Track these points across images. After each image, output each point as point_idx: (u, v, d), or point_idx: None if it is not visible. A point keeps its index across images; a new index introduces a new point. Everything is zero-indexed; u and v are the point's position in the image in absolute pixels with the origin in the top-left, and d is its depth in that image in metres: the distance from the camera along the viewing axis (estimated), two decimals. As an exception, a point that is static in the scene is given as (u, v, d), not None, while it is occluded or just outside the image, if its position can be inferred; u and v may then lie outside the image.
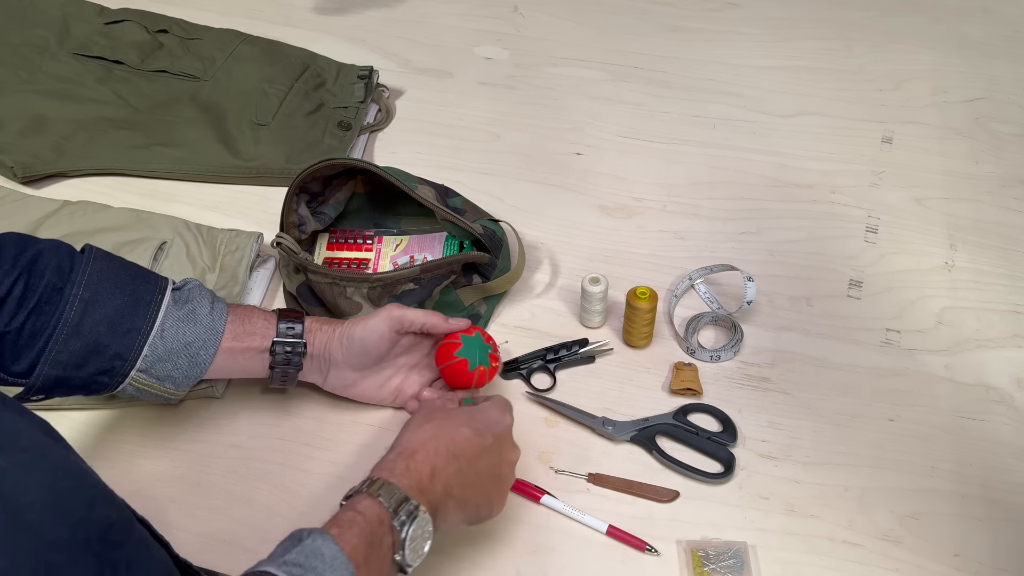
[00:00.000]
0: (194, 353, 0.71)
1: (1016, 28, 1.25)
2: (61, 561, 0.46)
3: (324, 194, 0.91)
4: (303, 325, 0.75)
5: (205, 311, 0.72)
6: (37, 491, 0.47)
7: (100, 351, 0.68)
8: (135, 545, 0.53)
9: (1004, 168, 1.04)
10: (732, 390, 0.83)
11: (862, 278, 0.92)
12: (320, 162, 0.86)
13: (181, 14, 1.24)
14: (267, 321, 0.75)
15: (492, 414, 0.70)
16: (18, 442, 0.47)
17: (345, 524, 0.58)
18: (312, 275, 0.84)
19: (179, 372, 0.71)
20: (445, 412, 0.69)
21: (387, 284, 0.83)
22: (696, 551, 0.71)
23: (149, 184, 1.05)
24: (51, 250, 0.68)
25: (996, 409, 0.81)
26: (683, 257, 0.94)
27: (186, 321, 0.71)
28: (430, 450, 0.64)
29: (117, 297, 0.69)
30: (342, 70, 1.17)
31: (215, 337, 0.72)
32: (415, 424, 0.67)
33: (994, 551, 0.71)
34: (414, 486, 0.62)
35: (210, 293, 0.74)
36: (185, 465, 0.78)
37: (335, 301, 0.84)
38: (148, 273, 0.73)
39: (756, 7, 1.30)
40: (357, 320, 0.77)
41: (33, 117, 1.08)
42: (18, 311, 0.65)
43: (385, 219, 0.96)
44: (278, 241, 0.86)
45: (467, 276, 0.89)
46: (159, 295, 0.71)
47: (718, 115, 1.12)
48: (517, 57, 1.23)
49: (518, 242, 0.91)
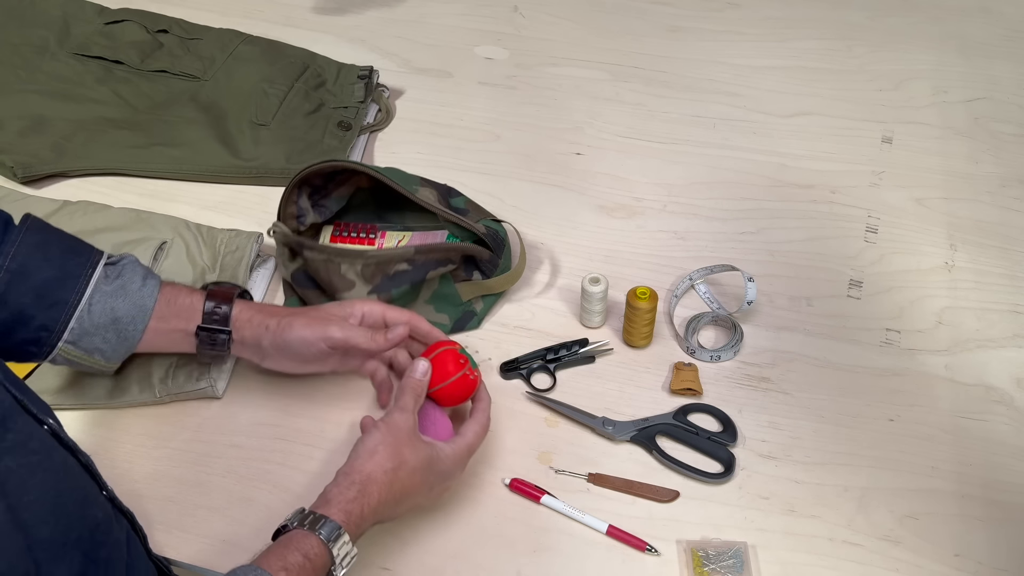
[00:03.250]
0: (121, 328, 0.72)
1: (1016, 28, 1.25)
2: (51, 558, 0.47)
3: (327, 188, 0.92)
4: (230, 307, 0.75)
5: (135, 287, 0.72)
6: (39, 491, 0.48)
7: (25, 322, 0.68)
8: (114, 544, 0.55)
9: (1004, 168, 1.04)
10: (732, 390, 0.83)
11: (862, 278, 0.92)
12: (321, 162, 0.86)
13: (181, 14, 1.24)
14: (194, 302, 0.75)
15: (450, 468, 0.70)
16: (28, 444, 0.49)
17: (294, 569, 0.58)
18: (308, 252, 0.85)
19: (108, 346, 0.72)
20: (411, 448, 0.67)
21: (381, 262, 0.84)
22: (696, 551, 0.71)
23: (149, 184, 1.05)
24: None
25: (996, 409, 0.81)
26: (683, 257, 0.94)
27: (115, 296, 0.71)
28: (382, 490, 0.65)
29: (46, 269, 0.69)
30: (342, 70, 1.17)
31: (143, 314, 0.72)
32: (379, 453, 0.66)
33: (994, 551, 0.71)
34: (356, 522, 0.63)
35: (144, 269, 0.74)
36: (185, 465, 0.78)
37: (329, 279, 0.84)
38: (82, 246, 0.73)
39: (756, 7, 1.30)
40: (293, 321, 0.75)
41: (33, 117, 1.08)
42: None
43: (389, 214, 0.97)
44: (273, 229, 0.86)
45: (468, 271, 0.89)
46: (90, 269, 0.71)
47: (718, 115, 1.12)
48: (517, 57, 1.23)
49: (520, 243, 0.91)
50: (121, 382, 0.82)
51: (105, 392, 0.82)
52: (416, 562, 0.71)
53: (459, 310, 0.88)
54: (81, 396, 0.82)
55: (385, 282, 0.85)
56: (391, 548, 0.72)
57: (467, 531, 0.73)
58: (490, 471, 0.77)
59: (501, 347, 0.87)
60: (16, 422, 0.48)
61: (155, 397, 0.82)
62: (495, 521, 0.74)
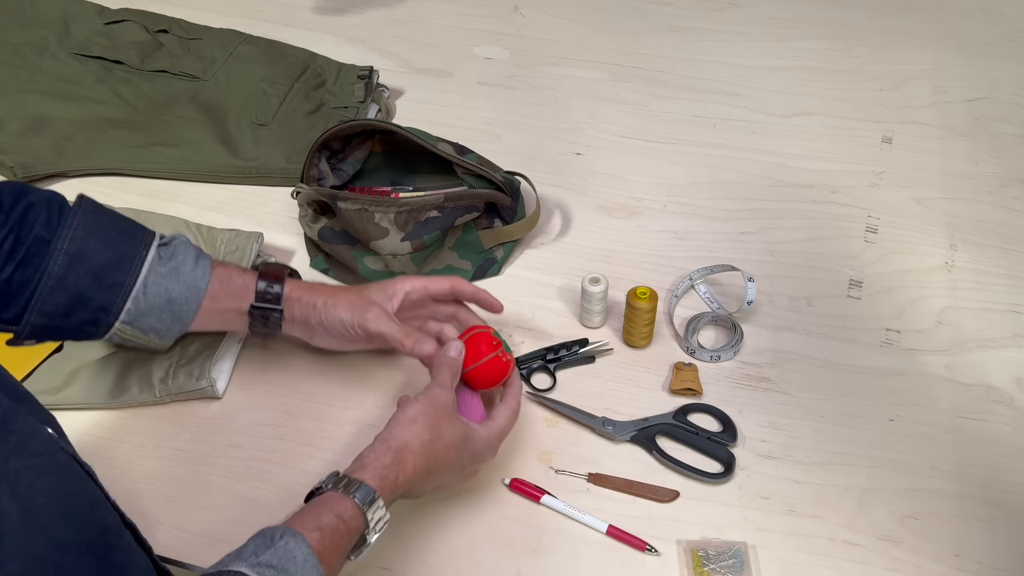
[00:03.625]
0: (176, 309, 0.73)
1: (1016, 28, 1.25)
2: (68, 562, 0.47)
3: (344, 151, 0.97)
4: (282, 286, 0.76)
5: (188, 268, 0.74)
6: (47, 493, 0.47)
7: (85, 303, 0.70)
8: (125, 550, 0.54)
9: (1004, 168, 1.04)
10: (732, 390, 0.83)
11: (862, 278, 0.92)
12: (345, 122, 0.91)
13: (181, 14, 1.24)
14: (247, 282, 0.76)
15: (483, 450, 0.70)
16: (30, 445, 0.48)
17: (328, 530, 0.58)
18: (342, 203, 0.88)
19: (162, 325, 0.74)
20: (448, 422, 0.68)
21: (412, 209, 0.88)
22: (696, 551, 0.71)
23: (149, 184, 1.05)
24: (42, 202, 0.70)
25: (996, 409, 0.81)
26: (683, 257, 0.94)
27: (169, 278, 0.72)
28: (418, 460, 0.65)
29: (102, 252, 0.70)
30: (342, 70, 1.17)
31: (197, 295, 0.74)
32: (419, 423, 0.66)
33: (994, 551, 0.71)
34: (390, 488, 0.63)
35: (196, 249, 0.76)
36: (185, 465, 0.78)
37: (364, 228, 0.88)
38: (135, 227, 0.74)
39: (756, 7, 1.30)
40: (338, 302, 0.76)
41: (33, 117, 1.08)
42: (7, 263, 0.68)
43: (402, 177, 1.01)
44: (297, 191, 0.89)
45: (489, 219, 0.94)
46: (143, 251, 0.72)
47: (718, 115, 1.12)
48: (517, 57, 1.23)
49: (534, 193, 0.95)
50: (121, 382, 0.82)
51: (105, 392, 0.82)
52: (416, 562, 0.71)
53: (481, 257, 0.93)
54: (81, 396, 0.82)
55: (417, 228, 0.88)
56: (391, 548, 0.72)
57: (467, 531, 0.73)
58: (490, 471, 0.77)
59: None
60: (16, 423, 0.47)
61: (155, 397, 0.82)
62: (495, 521, 0.74)
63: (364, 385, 0.84)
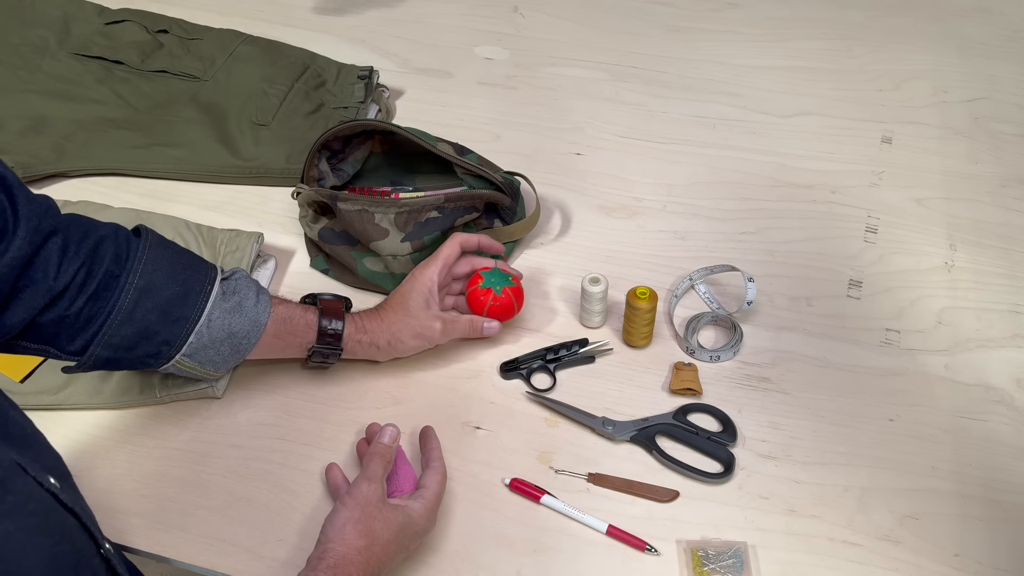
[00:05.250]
0: (236, 343, 0.74)
1: (1016, 28, 1.25)
2: None
3: (344, 152, 0.97)
4: (343, 324, 0.78)
5: (250, 303, 0.75)
6: (36, 556, 0.47)
7: (150, 337, 0.70)
8: None
9: (1004, 168, 1.04)
10: (732, 390, 0.83)
11: (862, 278, 0.92)
12: (345, 122, 0.91)
13: (181, 14, 1.24)
14: (308, 322, 0.78)
15: (423, 525, 0.69)
16: (27, 507, 0.48)
17: None
18: (342, 204, 0.88)
19: (220, 358, 0.75)
20: (380, 519, 0.66)
21: (412, 210, 0.88)
22: (696, 551, 0.71)
23: (149, 184, 1.05)
24: (110, 237, 0.71)
25: (996, 409, 0.81)
26: (683, 257, 0.94)
27: (232, 313, 0.74)
28: (358, 570, 0.63)
29: (169, 287, 0.71)
30: (342, 70, 1.17)
31: (258, 329, 0.75)
32: (348, 531, 0.65)
33: (994, 551, 0.71)
34: None
35: (255, 284, 0.77)
36: (185, 465, 0.78)
37: (364, 228, 0.88)
38: (199, 262, 0.75)
39: (756, 7, 1.30)
40: (400, 334, 0.80)
41: (33, 117, 1.08)
42: (78, 296, 0.68)
43: (402, 178, 1.01)
44: (298, 191, 0.90)
45: (489, 219, 0.95)
46: (208, 285, 0.73)
47: (718, 115, 1.12)
48: (517, 57, 1.23)
49: (534, 194, 0.96)
50: (121, 382, 0.82)
51: (105, 392, 0.82)
52: (416, 562, 0.71)
53: None
54: (81, 396, 0.82)
55: (417, 229, 0.88)
56: (391, 548, 0.72)
57: (467, 531, 0.73)
58: (490, 471, 0.77)
59: (501, 347, 0.87)
60: (15, 483, 0.47)
61: (155, 397, 0.82)
62: (495, 521, 0.74)
63: (364, 385, 0.84)
